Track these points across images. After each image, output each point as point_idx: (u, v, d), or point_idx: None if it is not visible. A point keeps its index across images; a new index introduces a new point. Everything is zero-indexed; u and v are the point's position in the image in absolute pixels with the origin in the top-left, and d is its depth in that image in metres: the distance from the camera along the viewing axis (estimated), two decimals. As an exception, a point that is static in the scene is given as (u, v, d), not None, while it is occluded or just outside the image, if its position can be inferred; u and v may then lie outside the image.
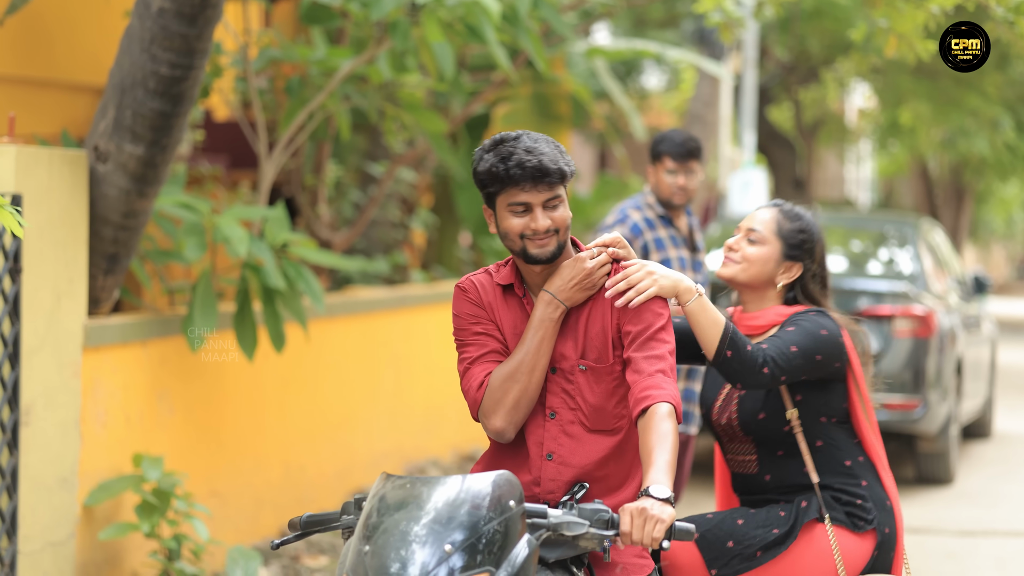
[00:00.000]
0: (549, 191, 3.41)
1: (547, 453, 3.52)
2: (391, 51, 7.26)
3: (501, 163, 3.39)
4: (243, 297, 6.39)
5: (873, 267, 10.22)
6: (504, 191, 3.42)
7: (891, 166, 29.32)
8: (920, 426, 9.21)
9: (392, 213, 10.11)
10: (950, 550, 7.83)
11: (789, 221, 4.06)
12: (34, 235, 5.36)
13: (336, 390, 7.80)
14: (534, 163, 3.38)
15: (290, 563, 6.80)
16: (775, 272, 4.05)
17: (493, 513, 3.06)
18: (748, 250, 4.04)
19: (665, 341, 3.48)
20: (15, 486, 5.32)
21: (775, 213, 4.07)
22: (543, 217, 3.42)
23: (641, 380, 3.42)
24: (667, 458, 3.25)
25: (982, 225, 38.65)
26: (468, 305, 3.58)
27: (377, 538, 3.05)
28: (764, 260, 4.03)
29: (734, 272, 4.05)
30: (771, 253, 4.03)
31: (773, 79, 20.63)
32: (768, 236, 4.04)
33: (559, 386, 3.53)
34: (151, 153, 5.77)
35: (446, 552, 2.99)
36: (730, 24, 7.56)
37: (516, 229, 3.43)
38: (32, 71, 7.03)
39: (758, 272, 4.04)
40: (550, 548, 3.24)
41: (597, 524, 3.19)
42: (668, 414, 3.33)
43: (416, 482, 3.15)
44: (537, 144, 3.41)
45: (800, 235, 4.05)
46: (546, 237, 3.43)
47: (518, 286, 3.57)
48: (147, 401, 6.15)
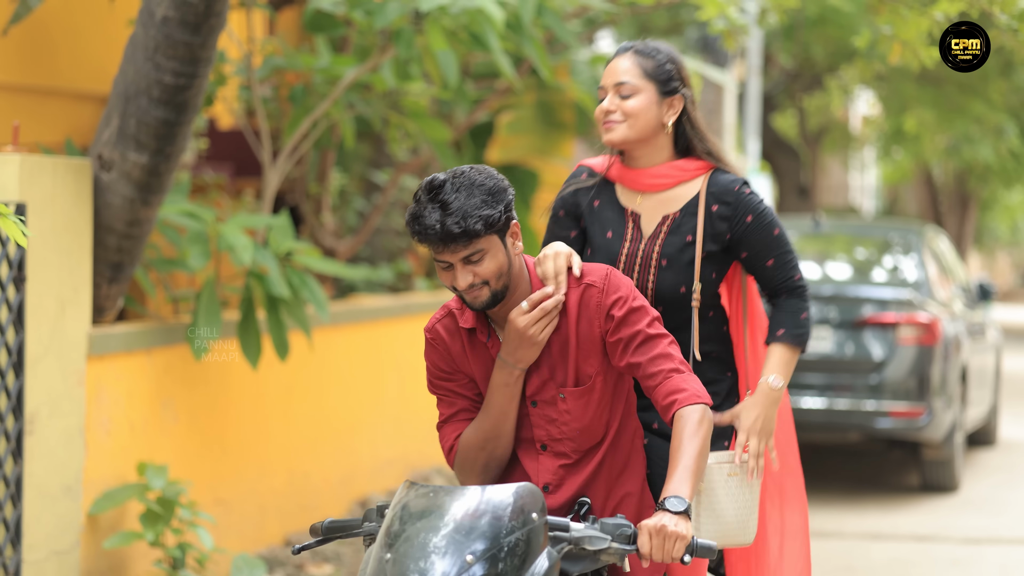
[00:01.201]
0: (465, 249, 3.26)
1: (544, 485, 3.51)
2: (395, 59, 7.26)
3: (411, 222, 3.28)
4: (247, 305, 6.39)
5: (877, 274, 10.21)
6: (425, 246, 3.31)
7: (895, 173, 29.31)
8: (925, 434, 9.20)
9: (396, 221, 10.11)
10: (955, 558, 7.82)
11: (650, 59, 3.85)
12: (38, 244, 5.37)
13: (340, 398, 7.79)
14: (436, 229, 3.23)
15: (295, 571, 6.79)
16: (660, 114, 3.85)
17: (515, 524, 3.05)
18: (627, 105, 3.83)
19: (662, 336, 3.42)
20: (19, 495, 5.32)
21: (633, 58, 3.85)
22: (463, 274, 3.30)
23: (660, 384, 3.36)
24: (688, 463, 3.21)
25: (987, 232, 38.64)
26: (436, 356, 3.52)
27: (399, 546, 3.04)
28: (646, 107, 3.83)
29: (624, 133, 3.84)
30: (649, 98, 3.83)
31: (777, 86, 20.64)
32: (639, 83, 3.83)
33: (543, 418, 3.49)
34: (155, 162, 5.77)
35: (467, 562, 2.98)
36: (734, 32, 7.57)
37: (447, 282, 3.35)
38: (36, 80, 7.03)
39: (645, 122, 3.83)
40: (572, 562, 3.23)
41: (619, 539, 3.17)
42: (702, 418, 3.29)
43: (439, 491, 3.14)
44: (454, 196, 3.24)
45: (667, 67, 3.85)
46: (474, 290, 3.33)
47: (481, 330, 3.48)
48: (151, 409, 6.15)
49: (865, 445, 11.21)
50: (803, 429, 9.58)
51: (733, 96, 16.38)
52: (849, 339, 9.25)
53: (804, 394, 9.27)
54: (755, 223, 3.86)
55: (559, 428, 3.49)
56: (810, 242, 10.66)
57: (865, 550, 7.97)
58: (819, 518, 8.73)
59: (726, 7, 7.32)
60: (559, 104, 11.11)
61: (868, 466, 10.85)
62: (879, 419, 9.14)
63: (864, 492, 9.65)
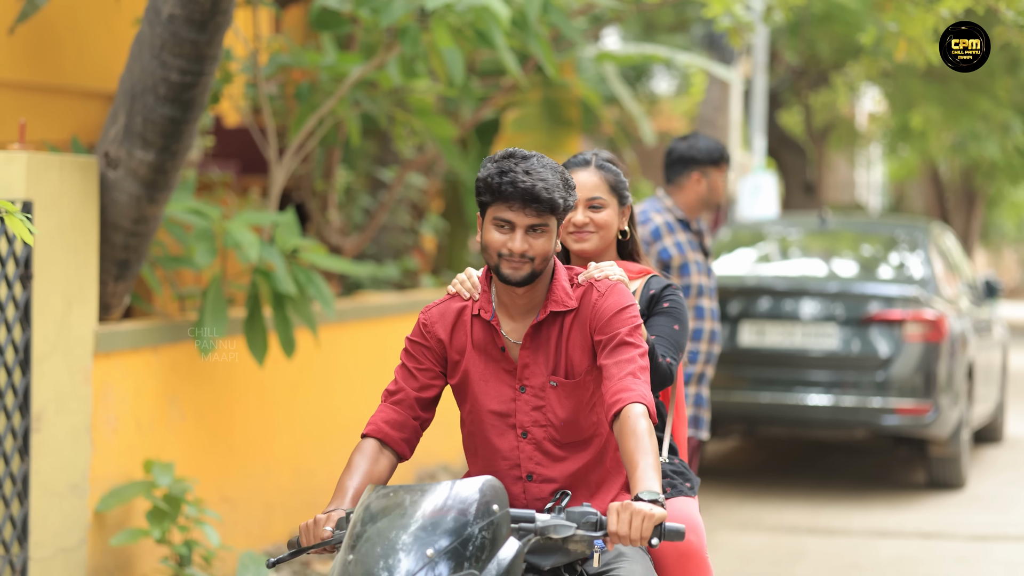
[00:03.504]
0: (536, 217, 3.41)
1: (526, 474, 3.55)
2: (401, 57, 7.27)
3: (498, 176, 3.40)
4: (253, 303, 6.39)
5: (884, 271, 10.20)
6: (494, 204, 3.43)
7: (901, 170, 29.28)
8: (931, 431, 9.19)
9: (402, 218, 10.12)
10: (962, 555, 7.81)
11: (611, 173, 4.14)
12: (45, 241, 5.37)
13: (346, 395, 7.80)
14: (527, 185, 3.38)
15: (300, 568, 6.80)
16: (619, 223, 4.14)
17: (478, 518, 3.06)
18: (598, 217, 4.09)
19: (635, 344, 3.48)
20: (26, 492, 5.33)
21: (598, 173, 4.13)
22: (522, 240, 3.42)
23: (612, 385, 3.42)
24: (649, 460, 3.25)
25: (993, 229, 38.58)
26: (419, 337, 3.64)
27: (361, 547, 3.06)
28: (612, 219, 4.11)
29: (596, 243, 4.10)
30: (614, 209, 4.11)
31: (783, 83, 20.62)
32: (607, 197, 4.11)
33: (529, 404, 3.54)
34: (161, 159, 5.78)
35: (429, 557, 2.99)
36: (739, 28, 7.57)
37: (495, 245, 3.44)
38: (43, 78, 7.04)
39: (611, 232, 4.12)
40: (543, 555, 3.25)
41: (585, 526, 3.17)
42: (641, 414, 3.33)
43: (399, 490, 3.17)
44: (541, 169, 3.41)
45: (622, 179, 4.16)
46: (520, 261, 3.43)
47: (485, 309, 3.57)
48: (158, 407, 6.16)
49: (871, 442, 11.21)
50: (809, 426, 9.59)
51: (739, 93, 16.35)
52: (855, 336, 9.25)
53: (810, 391, 9.27)
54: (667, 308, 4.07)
55: (544, 415, 3.54)
56: (816, 239, 10.65)
57: (871, 547, 7.97)
58: (825, 515, 8.73)
59: (732, 4, 7.32)
60: (565, 101, 11.12)
61: (874, 463, 10.84)
62: (885, 416, 9.14)
63: (870, 489, 9.65)
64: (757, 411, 9.31)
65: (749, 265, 10.24)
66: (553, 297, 3.53)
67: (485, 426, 3.58)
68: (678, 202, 6.20)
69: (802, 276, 9.89)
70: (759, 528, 8.36)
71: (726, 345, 9.21)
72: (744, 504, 8.99)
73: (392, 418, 3.63)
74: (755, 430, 9.86)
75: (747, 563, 7.51)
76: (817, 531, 8.33)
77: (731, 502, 8.99)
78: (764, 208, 15.22)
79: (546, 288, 3.53)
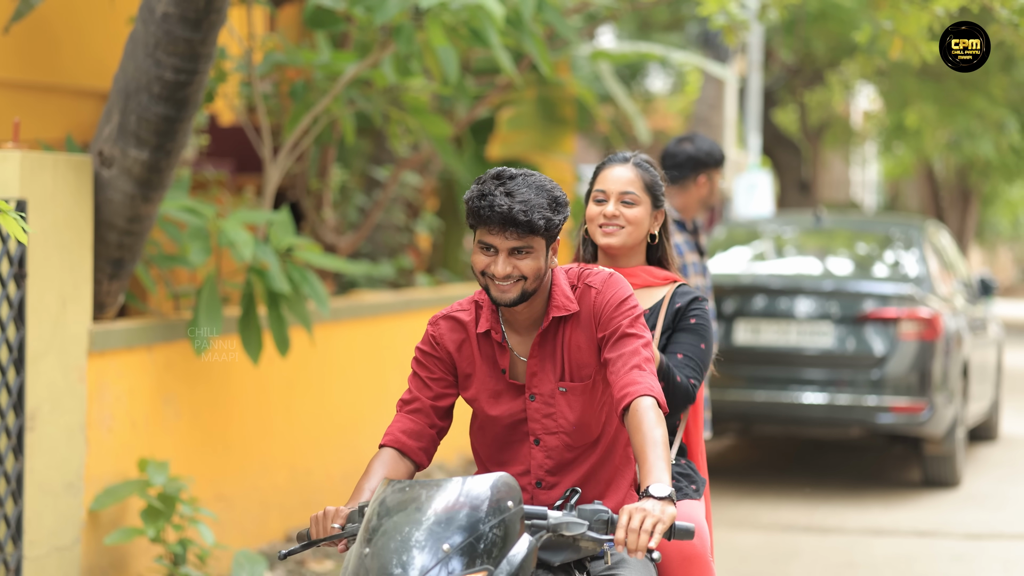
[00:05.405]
0: (517, 239, 3.37)
1: (536, 481, 3.56)
2: (395, 55, 7.26)
3: (478, 200, 3.37)
4: (248, 301, 6.39)
5: (879, 269, 10.20)
6: (478, 227, 3.41)
7: (896, 168, 29.30)
8: (926, 429, 9.20)
9: (397, 217, 10.12)
10: (957, 553, 7.82)
11: (648, 173, 4.13)
12: (39, 240, 5.37)
13: (342, 394, 7.80)
14: (503, 209, 3.34)
15: (296, 567, 6.80)
16: (650, 225, 4.13)
17: (491, 514, 3.08)
18: (629, 213, 4.09)
19: (637, 336, 3.48)
20: (20, 491, 5.32)
21: (635, 170, 4.12)
22: (504, 263, 3.39)
23: (619, 379, 3.42)
24: (660, 452, 3.25)
25: (988, 227, 38.63)
26: (429, 348, 3.61)
27: (376, 540, 3.08)
28: (644, 218, 4.10)
29: (623, 239, 4.09)
30: (646, 209, 4.10)
31: (778, 82, 20.63)
32: (640, 195, 4.10)
33: (539, 412, 3.55)
34: (156, 158, 5.77)
35: (444, 552, 3.01)
36: (734, 27, 7.56)
37: (479, 266, 3.43)
38: (37, 76, 7.03)
39: (640, 231, 4.11)
40: (553, 551, 3.26)
41: (596, 524, 3.19)
42: (650, 407, 3.33)
43: (415, 485, 3.19)
44: (524, 190, 3.37)
45: (659, 183, 4.14)
46: (506, 283, 3.41)
47: (495, 330, 3.55)
48: (152, 406, 6.15)
49: (866, 440, 11.21)
50: (804, 424, 9.59)
51: (734, 91, 16.37)
52: (850, 334, 9.25)
53: (805, 389, 9.27)
54: (693, 325, 4.06)
55: (555, 421, 3.54)
56: (811, 237, 10.66)
57: (867, 546, 7.97)
58: (820, 514, 8.73)
59: (727, 2, 7.32)
60: (560, 100, 11.12)
61: (869, 461, 10.85)
62: (880, 414, 9.14)
63: (865, 487, 9.65)
64: (752, 409, 9.31)
65: (744, 263, 10.25)
66: (554, 303, 3.53)
67: (496, 435, 3.60)
68: (678, 203, 6.20)
69: (797, 274, 9.89)
70: (754, 526, 8.36)
71: (721, 343, 9.21)
72: (739, 502, 8.99)
73: (409, 427, 3.61)
74: (750, 428, 9.85)
75: (742, 561, 7.51)
76: (812, 529, 8.34)
77: (726, 500, 8.99)
78: (759, 206, 15.24)
79: (545, 300, 3.53)
